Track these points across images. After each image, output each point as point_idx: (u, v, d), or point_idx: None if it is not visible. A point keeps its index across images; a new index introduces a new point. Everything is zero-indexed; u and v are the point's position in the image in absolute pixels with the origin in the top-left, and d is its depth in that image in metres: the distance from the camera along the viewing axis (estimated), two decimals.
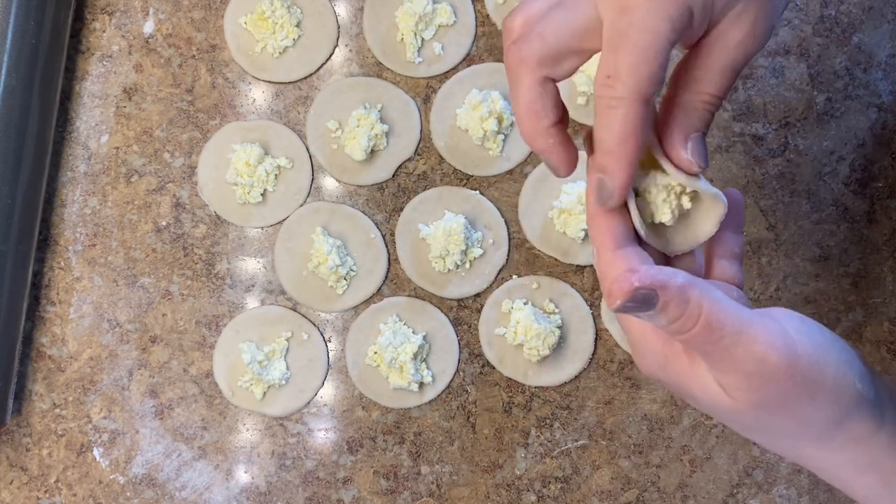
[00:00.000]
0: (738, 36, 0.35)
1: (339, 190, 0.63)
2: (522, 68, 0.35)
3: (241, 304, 0.62)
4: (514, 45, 0.36)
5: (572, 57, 0.35)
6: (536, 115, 0.36)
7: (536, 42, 0.35)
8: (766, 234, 0.63)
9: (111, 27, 0.63)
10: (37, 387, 0.62)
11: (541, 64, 0.35)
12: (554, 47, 0.35)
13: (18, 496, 0.62)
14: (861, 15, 0.63)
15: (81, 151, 0.63)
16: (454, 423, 0.62)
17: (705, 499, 0.62)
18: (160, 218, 0.63)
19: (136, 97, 0.63)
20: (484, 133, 0.61)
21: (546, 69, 0.35)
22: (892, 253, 0.63)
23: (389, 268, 0.63)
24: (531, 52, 0.35)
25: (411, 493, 0.62)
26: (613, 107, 0.33)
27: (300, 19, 0.63)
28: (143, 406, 0.62)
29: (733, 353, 0.33)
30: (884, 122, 0.63)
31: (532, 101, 0.36)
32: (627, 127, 0.33)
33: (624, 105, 0.33)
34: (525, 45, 0.35)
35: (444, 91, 0.63)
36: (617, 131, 0.34)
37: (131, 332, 0.62)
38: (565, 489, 0.62)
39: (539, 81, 0.35)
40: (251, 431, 0.62)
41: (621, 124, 0.33)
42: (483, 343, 0.62)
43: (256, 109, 0.63)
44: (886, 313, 0.62)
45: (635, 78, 0.33)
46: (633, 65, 0.33)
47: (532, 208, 0.62)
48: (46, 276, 0.62)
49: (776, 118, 0.63)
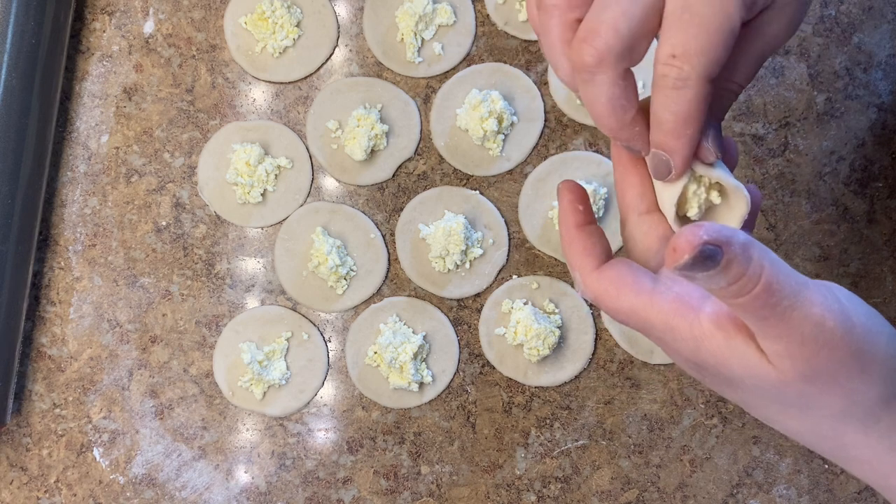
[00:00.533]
0: (779, 25, 0.34)
1: (339, 190, 0.63)
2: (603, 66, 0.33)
3: (241, 304, 0.63)
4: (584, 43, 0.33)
5: (645, 40, 0.33)
6: (623, 109, 0.34)
7: (609, 34, 0.32)
8: (767, 234, 0.63)
9: (111, 27, 0.63)
10: (37, 387, 0.62)
11: (621, 57, 0.33)
12: (628, 36, 0.33)
13: (18, 496, 0.62)
14: (861, 15, 0.63)
15: (81, 151, 0.63)
16: (454, 423, 0.62)
17: (705, 499, 0.62)
18: (160, 218, 0.63)
19: (136, 97, 0.63)
20: (484, 133, 0.61)
21: (626, 62, 0.33)
22: (892, 253, 0.63)
23: (389, 268, 0.63)
24: (607, 47, 0.33)
25: (411, 493, 0.62)
26: (679, 87, 0.32)
27: (300, 19, 0.63)
28: (143, 406, 0.62)
29: (790, 317, 0.31)
30: (884, 122, 0.63)
31: (618, 97, 0.34)
32: (693, 108, 0.33)
33: (691, 86, 0.32)
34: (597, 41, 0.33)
35: (444, 91, 0.63)
36: (683, 112, 0.33)
37: (131, 332, 0.62)
38: (565, 489, 0.62)
39: (622, 76, 0.34)
40: (251, 431, 0.62)
41: (687, 105, 0.33)
42: (483, 343, 0.62)
43: (256, 109, 0.63)
44: (886, 313, 0.62)
45: (706, 59, 0.32)
46: (705, 46, 0.32)
47: (532, 208, 0.62)
48: (46, 276, 0.62)
49: (776, 118, 0.63)
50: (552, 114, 0.63)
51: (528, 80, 0.63)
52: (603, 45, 0.33)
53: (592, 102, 0.34)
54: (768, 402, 0.35)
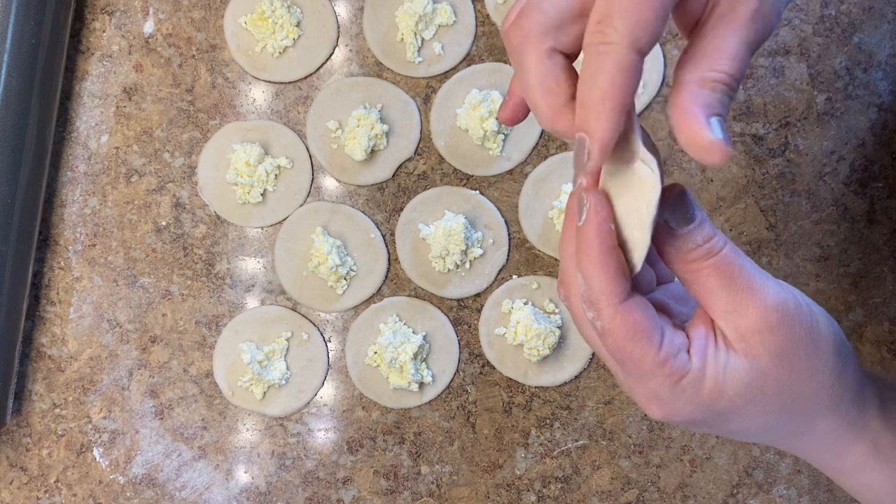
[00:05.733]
0: (745, 13, 0.32)
1: (339, 190, 0.63)
2: (526, 44, 0.32)
3: (241, 304, 0.62)
4: (512, 24, 0.33)
5: (576, 22, 0.32)
6: (551, 92, 0.32)
7: (535, 14, 0.32)
8: (767, 234, 0.63)
9: (111, 27, 0.63)
10: (37, 387, 0.62)
11: (544, 34, 0.32)
12: (554, 15, 0.32)
13: (18, 496, 0.62)
14: (861, 15, 0.63)
15: (81, 151, 0.63)
16: (454, 423, 0.62)
17: (705, 499, 0.62)
18: (160, 218, 0.63)
19: (136, 97, 0.63)
20: (484, 133, 0.61)
21: (550, 39, 0.32)
22: (892, 253, 0.63)
23: (389, 268, 0.63)
24: (531, 25, 0.32)
25: (411, 493, 0.62)
26: (602, 53, 0.30)
27: (300, 19, 0.63)
28: (143, 406, 0.62)
29: (754, 288, 0.34)
30: (884, 122, 0.63)
31: (544, 76, 0.32)
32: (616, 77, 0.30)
33: (614, 52, 0.30)
34: (524, 21, 0.33)
35: (444, 91, 0.63)
36: (604, 82, 0.30)
37: (131, 332, 0.62)
38: (565, 489, 0.62)
39: (547, 53, 0.32)
40: (251, 431, 0.62)
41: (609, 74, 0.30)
42: (483, 343, 0.62)
43: (256, 109, 0.63)
44: (886, 313, 0.62)
45: (628, 21, 0.30)
46: (627, 7, 0.30)
47: (532, 208, 0.62)
48: (46, 276, 0.62)
49: (776, 118, 0.63)
50: None
51: None
52: (527, 22, 0.32)
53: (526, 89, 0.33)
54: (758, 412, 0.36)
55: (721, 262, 0.34)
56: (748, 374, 0.35)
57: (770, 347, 0.34)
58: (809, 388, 0.36)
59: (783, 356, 0.34)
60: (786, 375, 0.35)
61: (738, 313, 0.34)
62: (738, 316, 0.34)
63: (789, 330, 0.34)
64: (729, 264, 0.34)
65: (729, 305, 0.34)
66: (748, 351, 0.34)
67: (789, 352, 0.34)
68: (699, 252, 0.34)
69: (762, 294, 0.34)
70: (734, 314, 0.34)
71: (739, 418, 0.36)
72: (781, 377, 0.35)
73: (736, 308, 0.34)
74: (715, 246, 0.34)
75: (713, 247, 0.34)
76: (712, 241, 0.34)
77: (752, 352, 0.34)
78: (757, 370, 0.35)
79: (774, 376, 0.35)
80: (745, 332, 0.34)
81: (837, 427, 0.37)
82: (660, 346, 0.34)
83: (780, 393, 0.35)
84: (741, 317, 0.34)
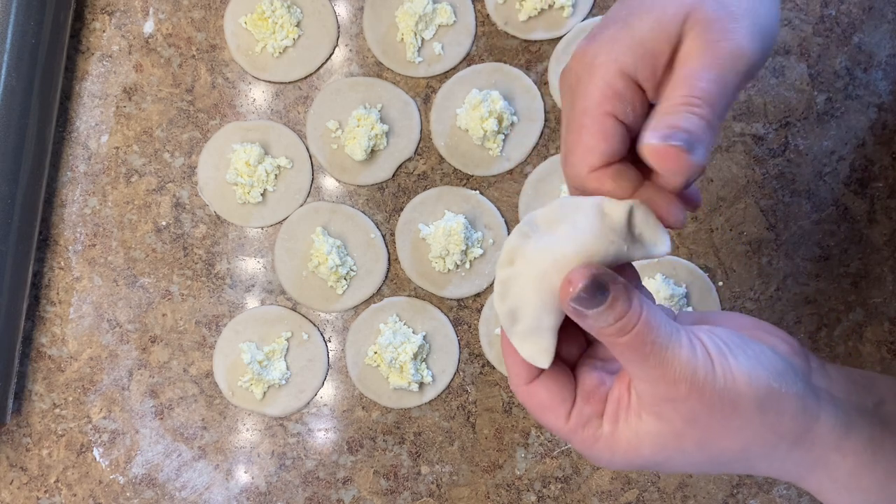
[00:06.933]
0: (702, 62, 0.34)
1: (339, 190, 0.63)
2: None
3: (241, 304, 0.62)
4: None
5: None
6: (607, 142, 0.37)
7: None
8: (767, 234, 0.63)
9: (111, 27, 0.63)
10: (37, 387, 0.62)
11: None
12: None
13: (18, 496, 0.62)
14: (861, 15, 0.63)
15: (81, 151, 0.63)
16: (454, 423, 0.62)
17: (705, 499, 0.62)
18: (160, 218, 0.63)
19: (136, 97, 0.63)
20: (484, 133, 0.61)
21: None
22: (893, 253, 0.63)
23: (389, 268, 0.63)
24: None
25: (411, 493, 0.62)
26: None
27: (300, 19, 0.63)
28: (143, 406, 0.62)
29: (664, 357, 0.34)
30: (884, 122, 0.63)
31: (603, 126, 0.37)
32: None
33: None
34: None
35: (444, 91, 0.63)
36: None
37: (131, 332, 0.62)
38: (565, 489, 0.62)
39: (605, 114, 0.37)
40: (251, 431, 0.62)
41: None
42: (483, 343, 0.62)
43: (256, 109, 0.63)
44: (886, 313, 0.62)
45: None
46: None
47: (532, 208, 0.62)
48: (46, 276, 0.62)
49: (776, 118, 0.63)
50: (552, 114, 0.63)
51: (528, 80, 0.63)
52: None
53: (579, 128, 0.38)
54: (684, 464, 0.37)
55: (633, 340, 0.34)
56: (663, 436, 0.35)
57: (683, 414, 0.35)
58: (735, 443, 0.36)
59: (697, 422, 0.35)
60: (704, 435, 0.35)
61: (650, 383, 0.35)
62: (651, 385, 0.35)
63: (698, 399, 0.34)
64: (640, 342, 0.34)
65: (641, 374, 0.35)
66: (661, 416, 0.35)
67: (703, 416, 0.35)
68: (611, 330, 0.34)
69: (672, 366, 0.34)
70: (647, 383, 0.35)
71: (669, 467, 0.37)
72: (700, 437, 0.35)
73: (647, 378, 0.35)
74: (628, 324, 0.34)
75: (625, 325, 0.34)
76: (624, 320, 0.34)
77: (665, 416, 0.35)
78: (671, 433, 0.35)
79: (692, 437, 0.35)
80: (658, 400, 0.35)
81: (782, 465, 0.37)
82: (567, 418, 0.37)
83: (702, 449, 0.36)
84: (653, 386, 0.35)
